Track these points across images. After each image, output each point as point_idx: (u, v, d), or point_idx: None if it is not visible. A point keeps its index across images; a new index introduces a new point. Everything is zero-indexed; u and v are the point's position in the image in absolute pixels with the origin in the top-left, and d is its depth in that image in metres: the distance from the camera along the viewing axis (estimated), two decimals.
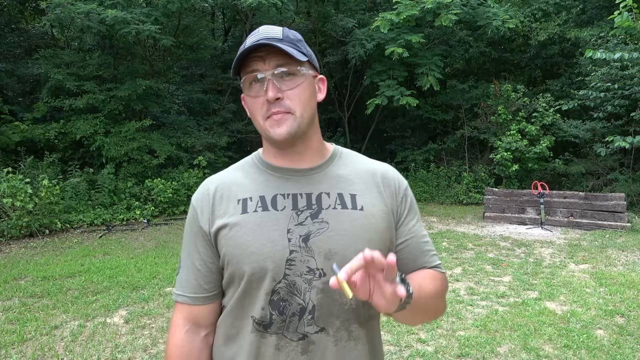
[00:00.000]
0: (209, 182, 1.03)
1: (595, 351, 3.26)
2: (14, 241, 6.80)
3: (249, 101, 0.95)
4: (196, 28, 11.73)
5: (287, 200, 0.96)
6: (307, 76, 0.95)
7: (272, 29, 0.94)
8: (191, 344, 1.00)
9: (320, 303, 0.92)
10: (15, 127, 8.99)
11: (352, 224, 0.94)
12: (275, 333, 0.93)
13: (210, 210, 0.99)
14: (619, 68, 9.35)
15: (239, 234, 0.94)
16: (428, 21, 10.47)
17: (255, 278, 0.93)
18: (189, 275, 1.00)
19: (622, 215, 7.63)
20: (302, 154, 0.99)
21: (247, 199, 0.97)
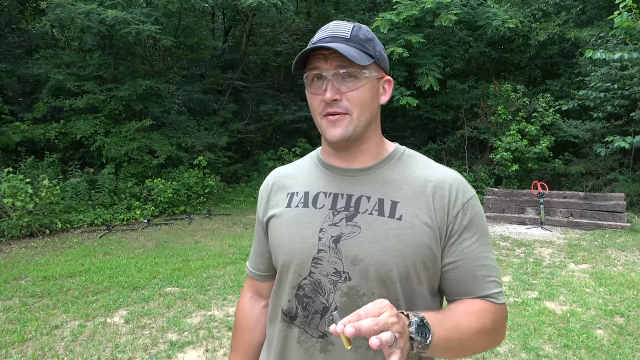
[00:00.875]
0: (272, 174, 1.13)
1: (595, 351, 3.26)
2: (14, 241, 6.81)
3: (309, 97, 0.95)
4: (196, 28, 11.74)
5: (328, 199, 0.96)
6: (371, 78, 0.92)
7: (341, 27, 0.93)
8: (252, 310, 1.16)
9: (344, 306, 0.90)
10: (16, 127, 8.99)
11: (385, 233, 0.90)
12: (298, 327, 0.96)
13: (266, 200, 1.08)
14: (618, 68, 9.35)
15: (279, 226, 1.01)
16: (428, 21, 10.47)
17: (284, 270, 0.99)
18: (253, 253, 1.16)
19: (621, 215, 7.63)
20: (355, 155, 0.98)
21: (294, 194, 1.02)
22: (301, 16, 13.00)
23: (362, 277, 0.89)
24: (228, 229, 7.82)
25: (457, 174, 0.98)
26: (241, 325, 1.17)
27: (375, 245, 0.89)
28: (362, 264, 0.89)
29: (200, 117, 12.09)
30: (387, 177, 0.96)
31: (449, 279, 0.93)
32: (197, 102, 12.40)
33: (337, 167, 0.99)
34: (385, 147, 1.01)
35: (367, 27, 0.96)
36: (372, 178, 0.96)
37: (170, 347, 3.36)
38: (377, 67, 0.94)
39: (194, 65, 13.70)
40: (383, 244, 0.89)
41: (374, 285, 0.89)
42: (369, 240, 0.90)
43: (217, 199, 10.34)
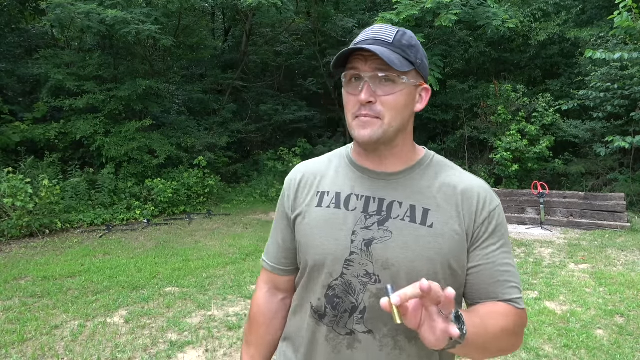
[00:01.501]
0: (299, 169, 1.11)
1: (595, 351, 3.26)
2: (14, 241, 6.80)
3: (345, 96, 0.97)
4: (196, 28, 11.74)
5: (360, 201, 0.97)
6: (408, 85, 0.93)
7: (384, 30, 0.94)
8: (270, 304, 1.14)
9: (372, 307, 0.93)
10: (16, 127, 8.99)
11: (416, 240, 0.92)
12: (327, 325, 0.97)
13: (294, 196, 1.07)
14: (618, 68, 9.35)
15: (310, 225, 1.00)
16: (428, 21, 10.47)
17: (316, 270, 0.99)
18: (273, 247, 1.13)
19: (621, 215, 7.63)
20: (386, 158, 0.99)
21: (325, 193, 1.02)
22: (301, 16, 13.00)
23: (392, 281, 0.92)
24: (228, 229, 7.82)
25: (485, 182, 1.01)
26: (257, 320, 1.14)
27: (406, 251, 0.92)
28: (393, 268, 0.92)
29: (200, 117, 12.09)
30: (418, 183, 0.98)
31: (471, 282, 0.96)
32: (197, 102, 12.40)
33: (369, 169, 1.00)
34: (416, 152, 1.03)
35: (412, 34, 0.96)
36: (403, 183, 0.98)
37: (170, 347, 3.36)
38: (416, 74, 0.95)
39: (194, 65, 13.70)
40: (414, 250, 0.92)
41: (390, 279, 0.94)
42: (400, 246, 0.92)
43: (217, 199, 10.34)
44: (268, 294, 1.15)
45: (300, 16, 12.84)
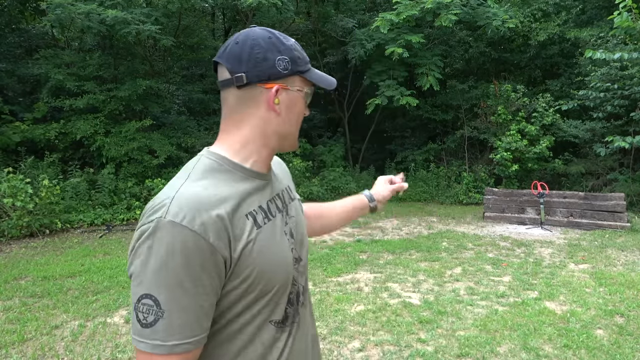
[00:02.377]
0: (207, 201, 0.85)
1: (595, 351, 3.26)
2: (14, 241, 6.81)
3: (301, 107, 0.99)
4: (196, 28, 11.75)
5: (274, 205, 1.00)
6: None
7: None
8: None
9: (304, 285, 1.05)
10: (16, 127, 9.00)
11: (298, 212, 1.10)
12: (289, 325, 0.99)
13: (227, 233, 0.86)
14: (618, 68, 9.35)
15: (263, 250, 0.90)
16: (428, 21, 10.49)
17: (283, 287, 0.96)
18: (189, 317, 0.82)
19: (621, 215, 7.63)
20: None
21: (253, 212, 0.92)
22: (301, 16, 13.00)
23: (305, 252, 1.07)
24: None
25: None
26: None
27: (302, 223, 1.10)
28: (304, 242, 1.07)
29: (200, 117, 12.10)
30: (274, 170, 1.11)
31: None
32: (197, 102, 12.40)
33: (264, 173, 1.02)
34: None
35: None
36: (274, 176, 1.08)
37: None
38: None
39: (194, 65, 13.70)
40: (303, 220, 1.12)
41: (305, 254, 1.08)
42: (300, 223, 1.08)
43: None
44: None
45: (300, 16, 12.84)
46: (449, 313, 3.98)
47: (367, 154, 13.80)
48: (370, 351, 3.30)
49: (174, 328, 0.81)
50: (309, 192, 10.35)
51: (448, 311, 4.02)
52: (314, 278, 4.94)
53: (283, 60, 0.93)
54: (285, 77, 0.93)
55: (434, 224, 8.16)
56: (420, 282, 4.86)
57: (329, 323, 3.76)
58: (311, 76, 0.97)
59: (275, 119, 0.95)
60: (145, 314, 0.80)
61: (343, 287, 4.67)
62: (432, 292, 4.53)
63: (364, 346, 3.37)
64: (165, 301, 0.80)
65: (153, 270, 0.80)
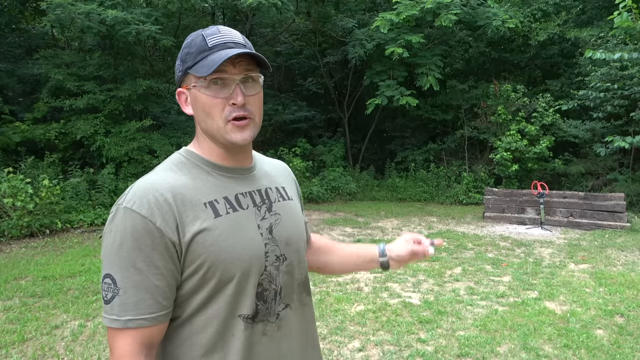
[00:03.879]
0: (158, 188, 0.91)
1: (594, 351, 3.26)
2: (14, 241, 6.81)
3: (204, 100, 0.94)
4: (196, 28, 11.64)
5: (247, 198, 1.01)
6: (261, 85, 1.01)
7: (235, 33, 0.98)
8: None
9: (285, 284, 1.02)
10: (16, 128, 9.00)
11: (292, 213, 1.09)
12: (261, 320, 0.98)
13: (174, 218, 0.89)
14: (618, 68, 9.35)
15: (220, 238, 0.92)
16: (428, 21, 10.48)
17: (245, 278, 0.95)
18: (142, 295, 0.87)
19: (621, 215, 7.64)
20: (245, 154, 1.06)
21: (214, 202, 0.95)
22: (301, 16, 13.00)
23: (293, 253, 1.05)
24: None
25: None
26: None
27: (294, 223, 1.08)
28: (292, 242, 1.05)
29: None
30: (264, 170, 1.12)
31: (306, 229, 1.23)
32: None
33: (236, 167, 1.03)
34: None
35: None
36: (259, 172, 1.09)
37: None
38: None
39: None
40: (297, 221, 1.10)
41: (298, 256, 1.07)
42: (289, 222, 1.07)
43: None
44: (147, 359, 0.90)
45: (300, 16, 12.84)
46: (448, 313, 3.98)
47: (367, 154, 13.80)
48: (370, 351, 3.30)
49: (128, 305, 0.87)
50: (309, 192, 10.35)
51: (448, 311, 4.02)
52: (314, 278, 4.95)
53: (178, 63, 0.99)
54: (183, 78, 0.98)
55: (434, 224, 8.16)
56: (420, 282, 4.86)
57: (329, 323, 3.77)
58: (197, 70, 0.93)
59: (196, 119, 1.00)
60: (106, 292, 0.89)
61: (343, 287, 4.67)
62: (432, 292, 4.53)
63: (364, 346, 3.37)
64: (121, 280, 0.87)
65: (111, 252, 0.88)
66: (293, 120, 12.93)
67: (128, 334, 0.88)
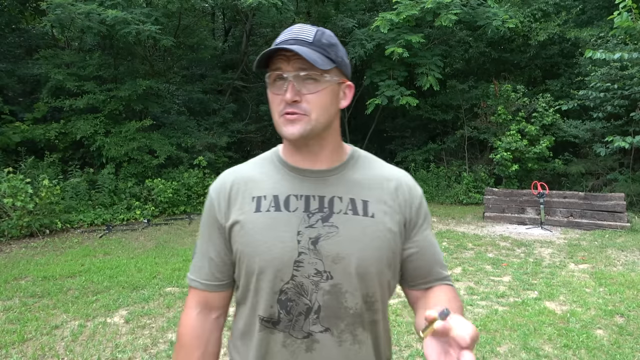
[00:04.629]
0: (227, 175, 1.06)
1: (595, 351, 3.26)
2: (14, 241, 6.81)
3: (270, 97, 0.96)
4: (196, 28, 11.74)
5: (300, 201, 0.97)
6: (331, 82, 0.95)
7: (305, 30, 0.95)
8: (203, 325, 1.06)
9: (327, 304, 0.94)
10: (16, 128, 8.99)
11: (362, 231, 0.95)
12: (282, 331, 0.95)
13: (226, 204, 1.02)
14: (618, 68, 9.35)
15: (251, 232, 0.97)
16: (428, 21, 10.47)
17: (264, 277, 0.95)
18: (203, 263, 1.05)
19: (621, 215, 7.63)
20: (318, 154, 0.99)
21: (262, 197, 0.99)
22: (301, 16, 12.99)
23: (344, 275, 0.94)
24: None
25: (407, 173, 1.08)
26: (192, 345, 1.04)
27: (355, 242, 0.94)
28: (344, 261, 0.94)
29: (200, 117, 12.09)
30: (352, 177, 1.01)
31: (417, 265, 1.03)
32: (197, 102, 12.40)
33: (303, 168, 1.00)
34: (344, 149, 1.06)
35: (331, 33, 0.98)
36: (340, 179, 1.00)
37: (170, 347, 3.36)
38: (338, 72, 0.97)
39: (194, 65, 13.70)
40: (362, 241, 0.95)
41: (354, 281, 0.94)
42: (348, 239, 0.94)
43: None
44: (200, 315, 1.05)
45: (300, 16, 12.83)
46: None
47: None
48: None
49: (195, 267, 1.08)
50: None
51: None
52: None
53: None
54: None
55: (434, 224, 8.16)
56: None
57: None
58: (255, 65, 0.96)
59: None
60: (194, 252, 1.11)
61: None
62: None
63: None
64: (198, 245, 1.09)
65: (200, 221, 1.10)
66: None
67: (191, 290, 1.08)
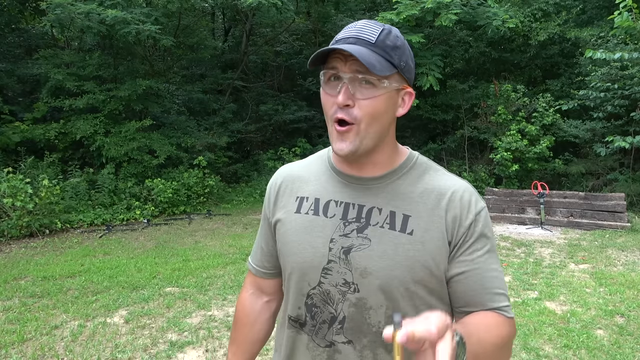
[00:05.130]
0: (281, 171, 1.09)
1: (595, 351, 3.26)
2: (14, 241, 6.80)
3: (323, 96, 0.92)
4: (196, 28, 11.74)
5: (339, 208, 0.94)
6: (389, 89, 0.87)
7: (368, 28, 0.87)
8: (253, 305, 1.15)
9: (351, 316, 0.91)
10: (16, 127, 8.99)
11: (395, 248, 0.89)
12: (307, 334, 0.96)
13: (274, 201, 1.06)
14: (619, 68, 9.34)
15: (288, 232, 0.99)
16: (428, 21, 10.47)
17: (293, 278, 0.97)
18: (257, 250, 1.14)
19: (622, 215, 7.63)
20: (366, 165, 0.94)
21: (304, 199, 1.00)
22: (301, 16, 13.00)
23: (370, 290, 0.89)
24: (228, 229, 7.82)
25: (469, 184, 0.96)
26: (241, 320, 1.16)
27: (384, 259, 0.88)
28: (371, 277, 0.89)
29: (200, 117, 12.09)
30: (399, 188, 0.93)
31: (459, 289, 0.91)
32: (197, 102, 12.40)
33: (349, 174, 0.96)
34: (399, 154, 0.98)
35: (398, 33, 0.90)
36: (384, 188, 0.94)
37: (170, 347, 3.36)
38: (399, 78, 0.89)
39: (194, 65, 13.70)
40: (393, 258, 0.88)
41: (380, 298, 0.89)
42: (378, 254, 0.89)
43: (217, 199, 10.34)
44: (253, 296, 1.16)
45: (300, 16, 12.84)
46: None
47: None
48: None
49: (253, 251, 1.17)
50: None
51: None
52: None
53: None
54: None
55: None
56: None
57: None
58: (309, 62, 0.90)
59: None
60: None
61: None
62: None
63: None
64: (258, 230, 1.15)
65: None
66: (293, 120, 12.92)
67: (248, 272, 1.18)
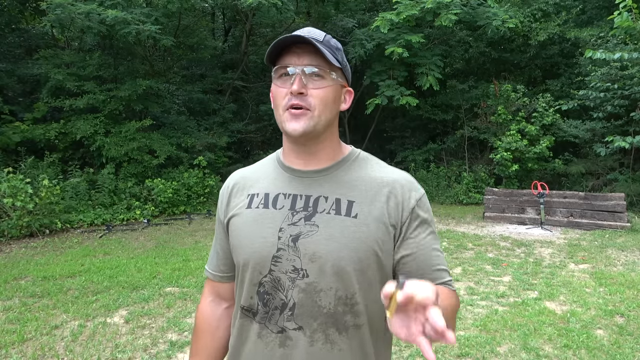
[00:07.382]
0: (233, 175, 1.14)
1: (595, 351, 3.26)
2: (14, 241, 6.80)
3: (274, 90, 0.98)
4: (196, 28, 11.75)
5: (287, 200, 1.00)
6: (336, 82, 0.98)
7: (316, 31, 0.98)
8: (213, 312, 1.16)
9: (301, 302, 0.95)
10: (16, 127, 8.99)
11: (342, 231, 0.94)
12: (259, 322, 0.99)
13: (226, 202, 1.10)
14: (618, 68, 9.35)
15: (240, 227, 1.03)
16: (428, 21, 10.47)
17: (245, 269, 1.01)
18: (213, 256, 1.16)
19: (621, 215, 7.63)
20: (314, 155, 1.01)
21: (255, 195, 1.05)
22: (301, 16, 12.99)
23: (320, 273, 0.94)
24: None
25: (408, 174, 1.04)
26: (202, 329, 1.15)
27: (332, 242, 0.94)
28: (320, 260, 0.94)
29: (200, 117, 12.10)
30: (343, 178, 1.01)
31: (408, 270, 0.98)
32: (197, 102, 12.41)
33: (296, 169, 1.02)
34: (341, 149, 1.06)
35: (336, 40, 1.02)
36: (329, 179, 1.00)
37: (170, 347, 3.36)
38: (342, 75, 1.00)
39: (194, 65, 13.70)
40: (339, 241, 0.94)
41: (330, 280, 0.94)
42: (326, 238, 0.94)
43: (217, 199, 10.29)
44: (212, 303, 1.16)
45: (300, 16, 12.83)
46: None
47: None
48: None
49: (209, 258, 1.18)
50: None
51: None
52: None
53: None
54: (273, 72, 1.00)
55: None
56: None
57: None
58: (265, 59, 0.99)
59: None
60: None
61: None
62: None
63: None
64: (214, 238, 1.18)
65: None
66: None
67: (206, 279, 1.19)
